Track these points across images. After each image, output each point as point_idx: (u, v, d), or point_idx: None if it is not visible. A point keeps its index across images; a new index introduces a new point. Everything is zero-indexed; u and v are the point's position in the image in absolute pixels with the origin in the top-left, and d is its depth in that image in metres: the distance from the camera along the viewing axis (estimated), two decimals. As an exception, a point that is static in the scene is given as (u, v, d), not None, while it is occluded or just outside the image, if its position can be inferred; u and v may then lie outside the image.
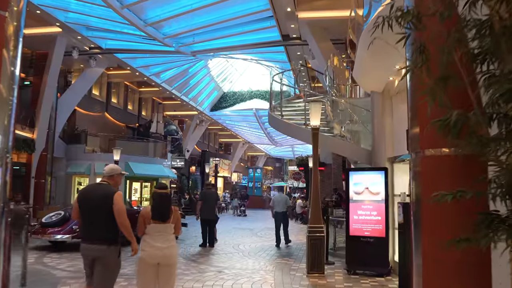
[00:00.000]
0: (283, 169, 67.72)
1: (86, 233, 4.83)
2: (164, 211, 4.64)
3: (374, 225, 7.86)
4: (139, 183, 24.36)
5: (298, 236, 14.92)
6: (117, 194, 4.61)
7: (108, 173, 4.83)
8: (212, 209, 11.94)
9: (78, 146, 22.90)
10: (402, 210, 6.69)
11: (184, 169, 33.39)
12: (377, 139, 8.43)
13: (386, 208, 7.80)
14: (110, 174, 4.82)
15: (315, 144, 7.80)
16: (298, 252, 10.80)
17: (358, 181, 8.10)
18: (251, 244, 12.31)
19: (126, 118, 30.82)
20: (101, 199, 4.63)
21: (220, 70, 32.79)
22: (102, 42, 20.62)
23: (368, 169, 8.37)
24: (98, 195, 4.69)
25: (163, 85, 27.60)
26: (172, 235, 4.75)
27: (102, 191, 4.71)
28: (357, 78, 8.72)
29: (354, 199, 8.11)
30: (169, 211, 4.65)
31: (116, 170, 4.92)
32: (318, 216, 7.65)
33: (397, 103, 8.28)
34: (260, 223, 20.40)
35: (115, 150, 18.27)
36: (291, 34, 17.83)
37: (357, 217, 8.05)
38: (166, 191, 4.81)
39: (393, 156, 8.25)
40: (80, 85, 22.70)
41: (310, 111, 7.89)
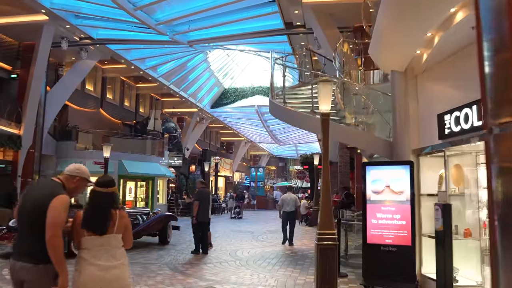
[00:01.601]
0: (286, 168, 66.47)
1: (14, 245, 3.50)
2: (99, 218, 3.26)
3: (397, 231, 6.47)
4: (133, 183, 22.99)
5: (303, 240, 13.53)
6: (57, 199, 3.22)
7: (70, 171, 3.49)
8: (207, 211, 10.52)
9: (69, 143, 21.60)
10: (441, 214, 5.30)
11: (184, 168, 32.06)
12: (399, 127, 7.02)
13: (411, 211, 6.41)
14: (71, 173, 3.47)
15: (325, 133, 6.41)
16: (303, 260, 9.42)
17: (377, 178, 6.71)
18: (251, 250, 10.93)
19: (123, 115, 29.54)
20: (35, 202, 3.29)
21: (220, 65, 31.45)
22: (93, 32, 19.30)
23: (389, 163, 6.96)
24: (34, 197, 3.36)
25: (160, 80, 26.29)
26: (121, 250, 3.39)
27: (40, 192, 3.37)
28: (374, 55, 7.33)
29: (372, 200, 6.72)
30: (106, 220, 3.25)
31: (81, 172, 3.53)
32: (330, 220, 6.26)
33: (423, 83, 6.88)
34: (261, 225, 19.01)
35: (105, 146, 16.91)
36: (294, 21, 16.49)
37: (376, 221, 6.65)
38: (110, 189, 3.41)
39: (419, 148, 6.85)
40: (71, 78, 21.38)
41: (319, 93, 6.50)
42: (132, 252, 10.14)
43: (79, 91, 24.80)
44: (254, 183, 45.03)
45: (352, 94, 8.78)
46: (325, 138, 6.42)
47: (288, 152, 59.42)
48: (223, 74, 33.27)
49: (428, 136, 6.64)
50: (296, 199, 13.17)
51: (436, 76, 6.51)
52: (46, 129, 20.29)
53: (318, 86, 6.55)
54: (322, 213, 6.24)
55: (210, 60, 29.36)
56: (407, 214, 6.44)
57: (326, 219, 6.21)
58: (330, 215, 6.27)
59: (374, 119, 8.82)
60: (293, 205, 12.34)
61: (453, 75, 6.06)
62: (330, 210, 6.28)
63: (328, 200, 6.32)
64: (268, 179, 55.35)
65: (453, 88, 6.05)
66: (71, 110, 24.17)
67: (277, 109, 9.03)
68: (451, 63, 6.06)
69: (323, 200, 6.30)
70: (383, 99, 8.35)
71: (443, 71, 6.31)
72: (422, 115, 6.90)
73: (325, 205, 6.27)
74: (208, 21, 17.19)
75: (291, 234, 12.18)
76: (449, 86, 6.19)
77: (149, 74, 24.96)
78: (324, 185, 6.37)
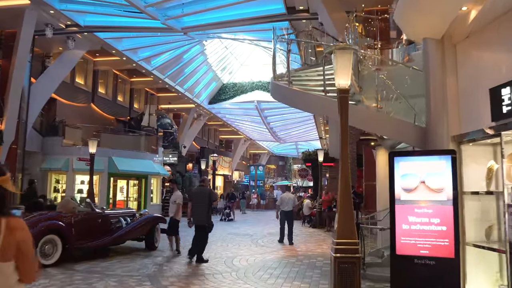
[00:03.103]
0: (286, 167, 65.26)
1: None
2: None
3: (435, 239, 5.06)
4: (125, 181, 21.56)
5: (308, 244, 12.13)
6: None
7: None
8: (203, 213, 8.80)
9: (55, 139, 20.20)
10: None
11: (181, 166, 30.65)
12: (435, 109, 5.61)
13: (455, 213, 5.00)
14: None
15: (344, 113, 5.02)
16: (312, 271, 8.01)
17: (409, 172, 5.29)
18: (250, 257, 9.50)
19: (116, 110, 28.15)
20: None
21: (218, 58, 30.03)
22: (79, 18, 17.88)
23: (424, 153, 5.53)
24: None
25: (155, 73, 24.85)
26: (13, 279, 1.99)
27: None
28: (402, 20, 5.92)
29: (403, 199, 5.31)
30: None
31: None
32: (350, 226, 4.85)
33: (466, 53, 5.48)
34: (261, 226, 17.60)
35: (91, 141, 15.50)
36: (297, 5, 15.16)
37: (407, 226, 5.24)
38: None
39: (460, 134, 5.45)
40: (57, 69, 19.96)
41: (336, 64, 5.10)
42: (112, 260, 8.76)
43: (68, 84, 23.43)
44: (254, 182, 43.58)
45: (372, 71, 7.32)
46: (343, 120, 5.03)
47: (289, 150, 58.24)
48: (221, 68, 31.87)
49: (473, 118, 5.24)
50: (295, 198, 13.44)
51: (485, 42, 5.11)
52: (30, 124, 18.87)
53: (334, 56, 5.14)
54: (341, 217, 4.83)
55: (208, 53, 27.94)
56: (448, 218, 5.03)
57: (345, 225, 4.81)
58: (350, 219, 4.87)
59: (396, 105, 7.39)
60: (291, 204, 12.55)
61: (510, 37, 4.66)
62: (350, 213, 4.89)
63: (348, 200, 4.92)
64: (268, 178, 54.08)
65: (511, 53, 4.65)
66: (59, 104, 22.79)
67: (281, 91, 7.61)
68: (507, 22, 4.66)
69: (342, 200, 4.90)
70: (409, 80, 6.93)
71: (496, 34, 4.91)
72: (464, 93, 5.50)
73: (344, 206, 4.87)
74: (202, 4, 15.79)
75: (290, 233, 12.24)
76: (505, 52, 4.79)
77: (142, 66, 23.54)
78: (343, 182, 4.98)
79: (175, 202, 9.84)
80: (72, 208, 8.73)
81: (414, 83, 7.37)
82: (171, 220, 9.80)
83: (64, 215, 8.49)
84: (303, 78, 8.20)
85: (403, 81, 7.40)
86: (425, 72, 5.82)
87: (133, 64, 23.21)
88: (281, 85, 7.52)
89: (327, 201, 16.69)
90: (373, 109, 6.59)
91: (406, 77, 6.99)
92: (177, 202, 9.78)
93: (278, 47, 9.19)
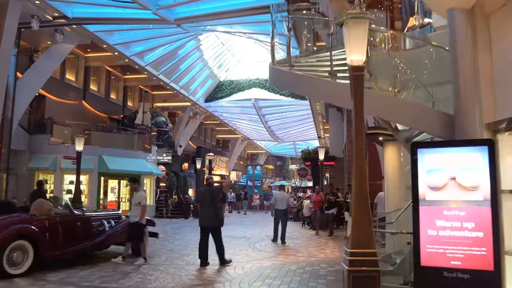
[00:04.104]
0: (284, 167, 64.46)
1: None
2: None
3: (470, 247, 4.18)
4: (116, 181, 20.61)
5: (310, 248, 11.22)
6: None
7: None
8: (211, 212, 8.44)
9: (43, 137, 19.22)
10: None
11: (176, 166, 29.73)
12: (465, 93, 4.72)
13: (493, 217, 4.12)
14: None
15: (358, 95, 4.14)
16: (315, 281, 7.09)
17: (436, 166, 4.41)
18: (246, 264, 8.58)
19: (109, 108, 27.24)
20: None
21: (214, 55, 29.15)
22: (67, 10, 16.99)
23: (455, 143, 4.63)
24: None
25: (148, 69, 23.95)
26: None
27: None
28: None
29: (428, 200, 4.42)
30: None
31: None
32: (368, 232, 3.96)
33: (503, 24, 4.61)
34: (258, 228, 16.70)
35: (77, 138, 14.60)
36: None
37: (434, 232, 4.35)
38: None
39: (496, 121, 4.57)
40: (45, 64, 19.01)
41: (347, 37, 4.21)
42: (93, 268, 7.84)
43: (58, 80, 22.53)
44: (251, 182, 42.67)
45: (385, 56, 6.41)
46: (357, 104, 4.14)
47: (287, 150, 57.45)
48: (218, 65, 31.00)
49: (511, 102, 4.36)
50: (288, 197, 13.89)
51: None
52: (16, 121, 17.92)
53: (346, 27, 4.25)
54: (356, 222, 3.94)
55: (203, 49, 27.05)
56: (485, 222, 4.15)
57: (362, 231, 3.92)
58: (367, 224, 3.97)
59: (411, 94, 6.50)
60: (285, 203, 12.80)
61: None
62: (367, 216, 3.99)
63: (364, 201, 4.03)
64: (266, 178, 53.22)
65: None
66: (48, 101, 21.89)
67: (281, 75, 6.71)
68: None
69: (357, 201, 4.01)
70: (429, 65, 6.04)
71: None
72: (500, 73, 4.63)
73: (359, 209, 3.98)
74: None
75: (283, 233, 12.40)
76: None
77: (135, 62, 22.65)
78: (358, 179, 4.08)
79: (139, 204, 8.52)
80: (47, 210, 7.81)
81: (433, 69, 6.50)
82: (135, 225, 8.46)
83: (38, 217, 7.57)
84: (303, 65, 7.30)
85: (420, 67, 6.52)
86: (452, 50, 4.93)
87: (125, 59, 22.31)
88: (281, 70, 6.61)
89: (319, 201, 15.40)
90: (390, 93, 5.69)
91: (426, 61, 6.09)
92: (141, 204, 8.50)
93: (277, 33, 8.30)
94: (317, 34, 12.22)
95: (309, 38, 10.26)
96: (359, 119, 4.20)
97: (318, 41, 14.57)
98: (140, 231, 8.47)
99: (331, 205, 15.14)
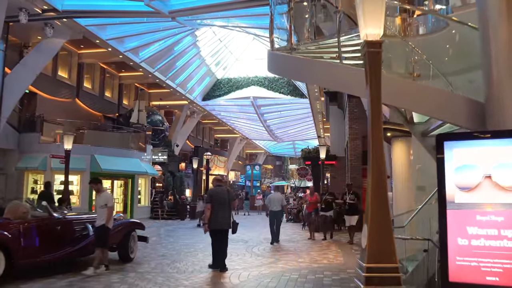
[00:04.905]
0: (283, 167, 63.82)
1: None
2: None
3: (510, 260, 3.46)
4: (109, 181, 19.87)
5: (311, 253, 10.48)
6: None
7: None
8: (225, 215, 8.08)
9: (32, 136, 18.48)
10: None
11: (173, 165, 28.99)
12: (499, 77, 4.00)
13: (539, 223, 3.40)
14: None
15: (375, 76, 3.41)
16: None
17: (467, 162, 3.69)
18: (243, 272, 7.85)
19: (103, 106, 26.51)
20: None
21: (212, 51, 28.44)
22: (57, 2, 16.29)
23: (490, 135, 3.90)
24: None
25: (143, 66, 23.22)
26: None
27: None
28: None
29: (458, 203, 3.70)
30: None
31: None
32: (388, 243, 3.24)
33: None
34: (257, 231, 15.97)
35: (66, 136, 13.86)
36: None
37: (465, 241, 3.63)
38: None
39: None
40: (35, 59, 18.28)
41: (362, 6, 3.49)
42: (75, 276, 7.09)
43: (49, 77, 21.82)
44: (250, 182, 41.90)
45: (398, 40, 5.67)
46: (374, 86, 3.42)
47: (286, 150, 56.82)
48: (215, 62, 30.29)
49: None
50: (283, 198, 13.72)
51: None
52: (4, 119, 17.22)
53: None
54: (373, 230, 3.21)
55: (200, 45, 26.33)
56: (529, 230, 3.42)
57: (381, 242, 3.19)
58: (388, 232, 3.24)
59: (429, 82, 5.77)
60: (279, 204, 12.72)
61: None
62: (388, 223, 3.26)
63: (384, 203, 3.30)
64: (265, 178, 52.51)
65: None
66: (40, 98, 21.19)
67: (281, 61, 5.98)
68: None
69: (375, 202, 3.28)
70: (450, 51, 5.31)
71: None
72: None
73: (378, 213, 3.25)
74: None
75: (277, 233, 12.50)
76: None
77: (129, 58, 21.93)
78: (374, 175, 3.36)
79: (105, 206, 7.61)
80: (23, 213, 7.07)
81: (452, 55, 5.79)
82: (101, 228, 7.56)
83: (12, 222, 6.84)
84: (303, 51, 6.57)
85: (436, 54, 5.79)
86: (482, 29, 4.21)
87: (119, 55, 21.59)
88: (281, 55, 5.88)
89: (314, 203, 14.13)
90: (408, 78, 4.96)
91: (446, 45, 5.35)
92: (108, 206, 7.61)
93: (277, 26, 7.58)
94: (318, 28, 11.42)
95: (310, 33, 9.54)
96: (376, 104, 3.48)
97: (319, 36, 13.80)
98: (105, 235, 7.58)
99: (329, 206, 13.73)
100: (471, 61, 5.46)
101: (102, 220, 7.52)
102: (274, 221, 12.50)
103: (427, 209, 6.61)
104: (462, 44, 5.82)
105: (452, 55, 5.92)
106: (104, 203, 7.63)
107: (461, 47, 5.90)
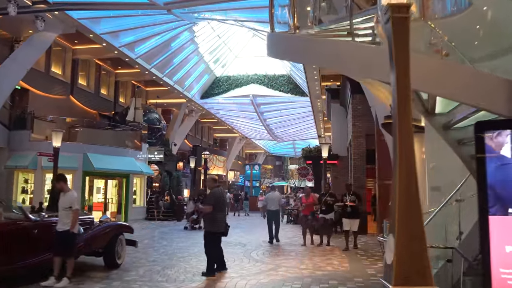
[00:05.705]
0: (283, 167, 63.12)
1: None
2: None
3: None
4: (103, 181, 19.16)
5: (314, 258, 9.75)
6: None
7: None
8: (224, 219, 8.00)
9: (23, 133, 17.78)
10: None
11: (171, 165, 28.29)
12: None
13: None
14: None
15: (402, 49, 2.71)
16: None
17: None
18: (240, 280, 7.12)
19: (99, 104, 25.82)
20: None
21: (210, 48, 27.73)
22: (47, -6, 15.53)
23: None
24: None
25: (139, 61, 22.51)
26: None
27: None
28: None
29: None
30: None
31: None
32: (422, 259, 2.53)
33: None
34: (256, 233, 15.26)
35: (54, 133, 13.16)
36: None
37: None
38: None
39: None
40: (25, 54, 17.56)
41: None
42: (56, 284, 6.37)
43: (42, 73, 21.13)
44: (249, 182, 41.20)
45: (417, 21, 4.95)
46: (400, 59, 2.72)
47: (286, 150, 56.12)
48: (214, 59, 29.58)
49: None
50: (280, 197, 14.08)
51: None
52: (-7, 115, 16.53)
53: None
54: (402, 242, 2.50)
55: (198, 41, 25.62)
56: None
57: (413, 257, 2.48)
58: (422, 246, 2.53)
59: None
60: (276, 204, 12.82)
61: None
62: (421, 234, 2.55)
63: (416, 208, 2.59)
64: (264, 178, 51.83)
65: None
66: (32, 95, 20.51)
67: (283, 42, 5.27)
68: None
69: (403, 207, 2.58)
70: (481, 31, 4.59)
71: None
72: None
73: (408, 221, 2.55)
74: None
75: (276, 232, 12.59)
76: None
77: (125, 54, 21.21)
78: (402, 174, 2.66)
79: (69, 208, 6.63)
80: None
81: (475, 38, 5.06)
82: (64, 234, 6.56)
83: (-18, 225, 6.13)
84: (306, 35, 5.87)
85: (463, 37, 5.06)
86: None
87: (114, 51, 20.88)
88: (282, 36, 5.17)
89: (310, 205, 12.70)
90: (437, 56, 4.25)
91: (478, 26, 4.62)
92: (73, 208, 6.64)
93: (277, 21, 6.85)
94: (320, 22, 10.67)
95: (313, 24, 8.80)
96: (404, 86, 2.77)
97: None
98: (71, 243, 6.62)
99: (329, 208, 12.21)
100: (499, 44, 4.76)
101: (65, 225, 6.58)
102: (272, 220, 12.53)
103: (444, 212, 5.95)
104: (489, 25, 5.10)
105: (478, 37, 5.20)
106: (68, 205, 6.64)
107: (487, 29, 5.19)
